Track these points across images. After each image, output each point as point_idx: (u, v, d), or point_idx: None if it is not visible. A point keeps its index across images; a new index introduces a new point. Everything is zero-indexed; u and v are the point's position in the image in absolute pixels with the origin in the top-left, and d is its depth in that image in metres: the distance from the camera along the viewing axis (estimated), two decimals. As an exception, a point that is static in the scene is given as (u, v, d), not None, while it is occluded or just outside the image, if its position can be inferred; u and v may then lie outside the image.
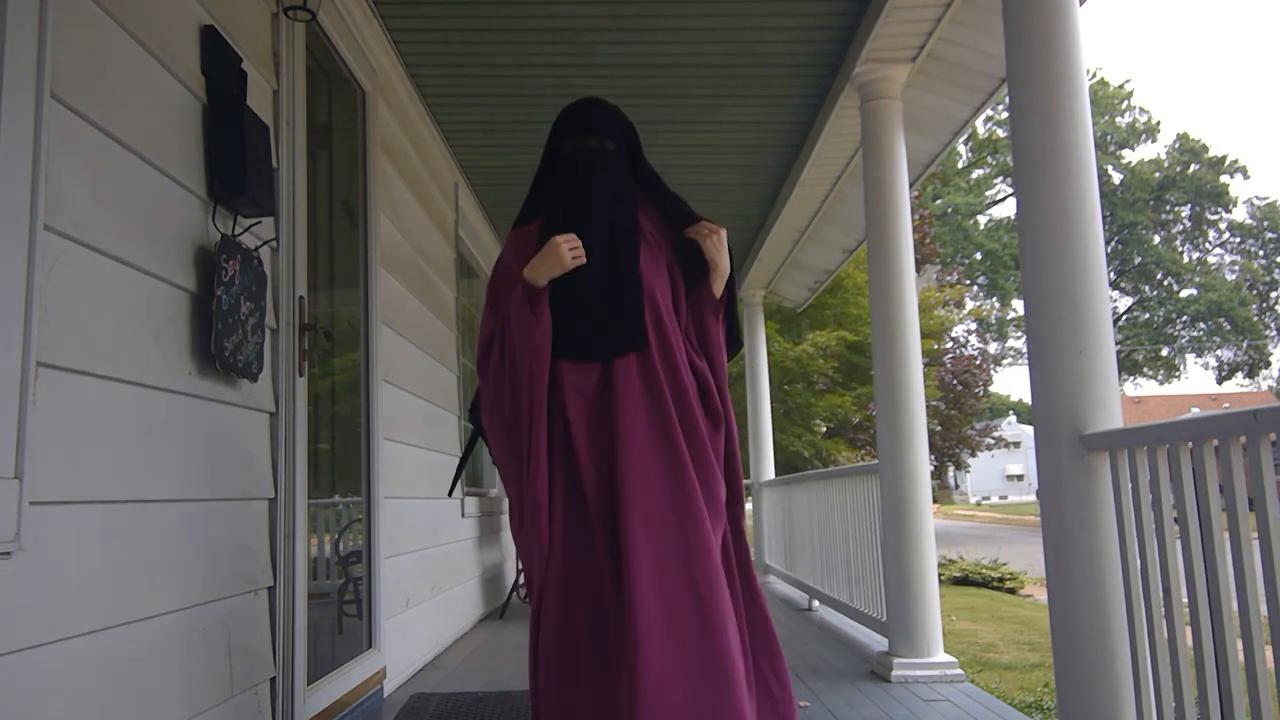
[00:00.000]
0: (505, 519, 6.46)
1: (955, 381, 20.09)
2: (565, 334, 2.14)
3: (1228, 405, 42.16)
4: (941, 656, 3.72)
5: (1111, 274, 35.71)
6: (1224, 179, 37.04)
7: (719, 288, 2.28)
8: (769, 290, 8.60)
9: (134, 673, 1.85)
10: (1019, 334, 32.39)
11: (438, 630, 4.51)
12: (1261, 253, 37.76)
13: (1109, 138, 36.60)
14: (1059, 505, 2.20)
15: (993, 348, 29.46)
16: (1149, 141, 41.13)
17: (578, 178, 2.23)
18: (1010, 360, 33.54)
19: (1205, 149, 37.22)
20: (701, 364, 2.23)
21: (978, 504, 51.45)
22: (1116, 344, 3.32)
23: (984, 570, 11.27)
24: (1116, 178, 36.61)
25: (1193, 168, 37.11)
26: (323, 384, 3.21)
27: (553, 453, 2.10)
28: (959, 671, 3.69)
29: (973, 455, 22.27)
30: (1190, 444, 1.87)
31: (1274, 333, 36.77)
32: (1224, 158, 37.06)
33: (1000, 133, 31.88)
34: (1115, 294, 36.18)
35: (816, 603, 5.96)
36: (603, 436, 2.09)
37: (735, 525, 2.19)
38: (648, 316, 2.16)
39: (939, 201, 31.44)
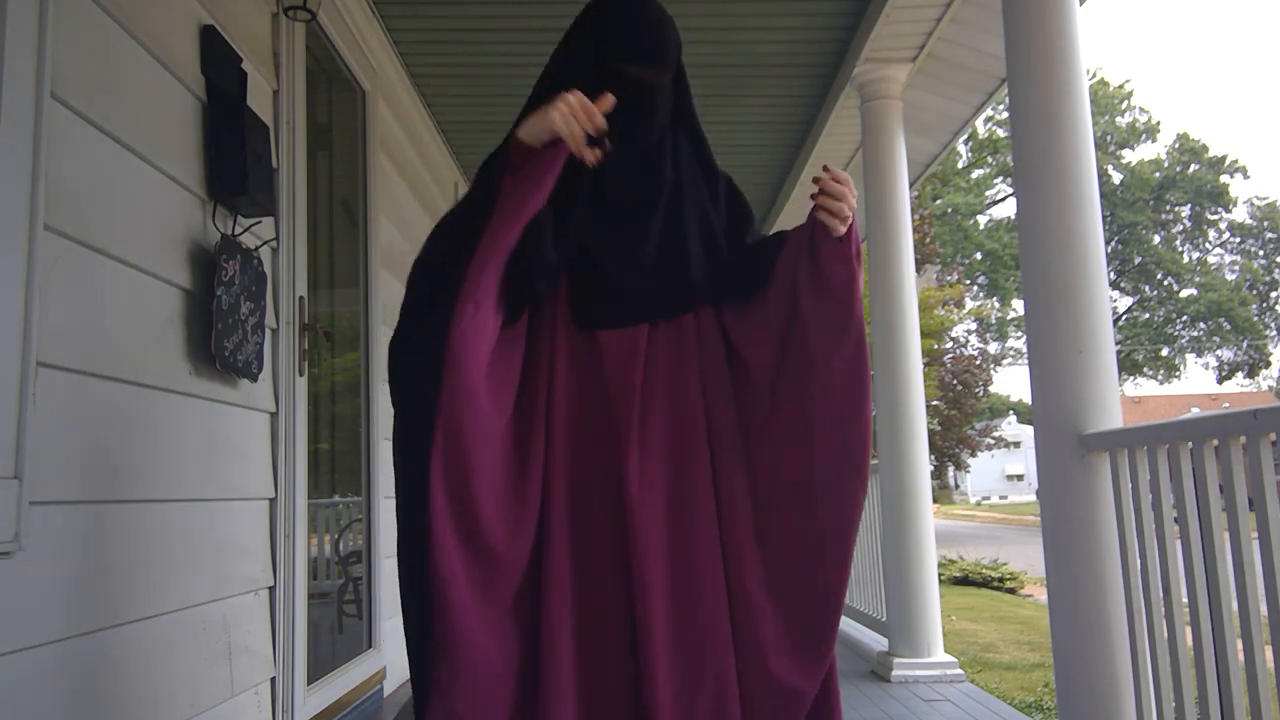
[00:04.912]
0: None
1: (955, 381, 20.10)
2: (595, 284, 1.57)
3: (1228, 405, 42.14)
4: (941, 656, 3.73)
5: (1111, 274, 35.70)
6: (1224, 179, 36.99)
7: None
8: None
9: (134, 673, 1.85)
10: (1019, 334, 32.36)
11: (438, 630, 4.50)
12: (1261, 253, 37.73)
13: (1109, 138, 36.57)
14: (1059, 505, 2.20)
15: (993, 348, 29.46)
16: (1149, 141, 41.13)
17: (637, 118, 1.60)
18: (1010, 360, 33.52)
19: (1205, 149, 37.17)
20: None
21: (978, 504, 51.38)
22: (1116, 344, 3.31)
23: (984, 570, 11.26)
24: (1116, 178, 36.57)
25: (1193, 168, 37.06)
26: (323, 384, 3.22)
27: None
28: (959, 671, 3.69)
29: (973, 455, 22.30)
30: (1190, 444, 1.87)
31: (1274, 333, 36.75)
32: (1224, 158, 37.00)
33: (1000, 133, 31.83)
34: (1115, 294, 36.17)
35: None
36: (657, 462, 1.50)
37: None
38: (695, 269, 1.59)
39: (939, 201, 31.40)
